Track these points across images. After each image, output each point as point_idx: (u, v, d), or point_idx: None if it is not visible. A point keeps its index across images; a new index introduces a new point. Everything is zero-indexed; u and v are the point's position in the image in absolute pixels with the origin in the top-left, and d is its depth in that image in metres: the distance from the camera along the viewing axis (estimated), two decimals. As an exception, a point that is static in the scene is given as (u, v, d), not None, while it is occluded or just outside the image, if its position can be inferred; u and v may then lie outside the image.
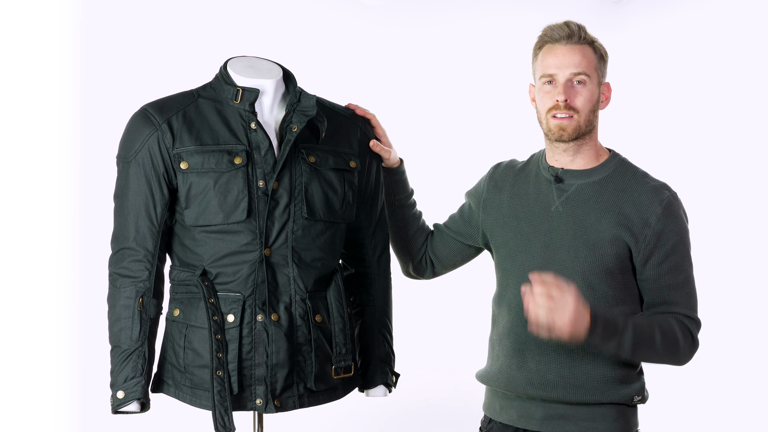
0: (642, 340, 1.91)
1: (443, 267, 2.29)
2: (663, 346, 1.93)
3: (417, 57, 3.81)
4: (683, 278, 1.98)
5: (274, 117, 2.04)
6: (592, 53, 2.00)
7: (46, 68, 3.14)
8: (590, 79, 1.99)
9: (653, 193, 1.98)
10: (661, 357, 1.95)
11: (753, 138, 3.49)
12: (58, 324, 3.18)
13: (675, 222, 1.97)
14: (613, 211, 1.98)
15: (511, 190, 2.12)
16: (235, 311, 1.96)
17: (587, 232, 1.98)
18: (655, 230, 1.96)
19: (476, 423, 2.29)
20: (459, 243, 2.24)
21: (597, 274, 1.97)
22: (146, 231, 1.97)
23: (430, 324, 3.72)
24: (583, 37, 2.00)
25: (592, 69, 1.99)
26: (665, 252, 1.96)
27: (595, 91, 2.00)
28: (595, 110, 2.02)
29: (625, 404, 2.00)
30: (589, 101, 1.99)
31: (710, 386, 3.63)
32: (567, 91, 1.98)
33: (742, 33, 3.53)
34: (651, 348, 1.92)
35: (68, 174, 3.19)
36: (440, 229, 2.28)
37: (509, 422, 2.08)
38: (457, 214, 2.27)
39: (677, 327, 1.94)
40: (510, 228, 2.09)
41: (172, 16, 3.34)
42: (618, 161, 2.05)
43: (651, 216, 1.96)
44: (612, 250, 1.97)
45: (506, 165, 2.20)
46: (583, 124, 1.99)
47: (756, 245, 3.49)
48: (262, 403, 1.97)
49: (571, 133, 2.00)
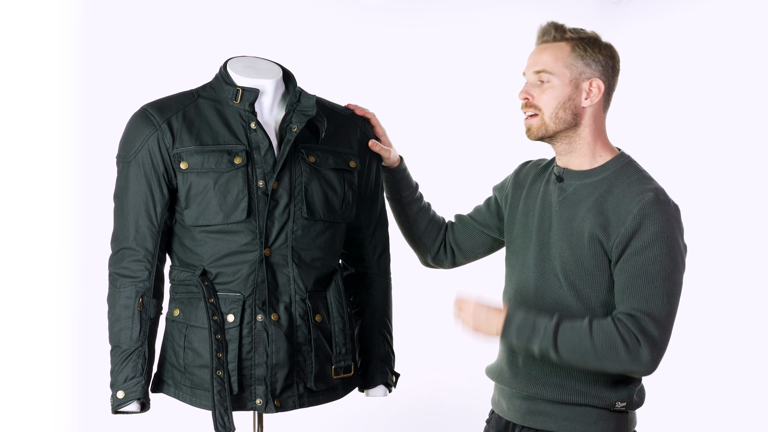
0: (568, 337, 1.87)
1: (465, 257, 2.29)
2: (593, 348, 1.86)
3: (417, 57, 3.81)
4: (645, 279, 1.87)
5: (273, 117, 2.04)
6: (567, 50, 1.95)
7: (46, 68, 3.14)
8: (555, 77, 1.94)
9: (637, 194, 1.90)
10: (598, 359, 1.87)
11: (753, 138, 3.49)
12: (58, 324, 3.18)
13: (652, 223, 1.87)
14: (596, 212, 1.94)
15: (528, 189, 2.11)
16: (235, 311, 1.96)
17: (571, 232, 1.96)
18: (628, 229, 1.88)
19: (476, 423, 2.30)
20: (484, 234, 2.24)
21: (577, 273, 1.95)
22: (146, 231, 1.97)
23: (431, 324, 3.71)
24: (556, 36, 1.96)
25: (559, 66, 1.94)
26: (633, 251, 1.88)
27: (563, 88, 1.94)
28: (568, 108, 1.95)
29: (607, 408, 1.96)
30: (553, 98, 1.94)
31: (708, 389, 3.63)
32: (527, 89, 1.97)
33: (742, 33, 3.53)
34: (581, 348, 1.86)
35: (68, 174, 3.19)
36: (464, 220, 2.28)
37: (502, 414, 2.10)
38: (483, 206, 2.27)
39: (614, 330, 1.86)
40: (520, 225, 2.09)
41: (172, 16, 3.34)
42: (623, 162, 1.99)
43: (627, 215, 1.89)
44: (589, 250, 1.93)
45: (532, 164, 2.19)
46: (549, 123, 1.96)
47: (754, 246, 3.49)
48: (262, 403, 1.97)
49: (536, 132, 1.97)
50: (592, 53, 1.96)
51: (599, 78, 1.97)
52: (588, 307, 1.95)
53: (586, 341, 1.87)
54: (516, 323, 1.91)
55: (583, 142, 1.99)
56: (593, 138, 2.00)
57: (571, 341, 1.88)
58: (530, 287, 2.02)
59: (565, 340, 1.88)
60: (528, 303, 2.02)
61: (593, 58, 1.96)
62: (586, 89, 1.96)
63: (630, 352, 1.86)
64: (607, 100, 2.01)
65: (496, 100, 3.86)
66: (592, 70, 1.96)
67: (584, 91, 1.96)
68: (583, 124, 1.98)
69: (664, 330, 1.88)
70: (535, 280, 2.01)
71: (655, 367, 1.88)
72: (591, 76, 1.96)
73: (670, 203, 1.91)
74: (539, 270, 2.01)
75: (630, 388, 1.97)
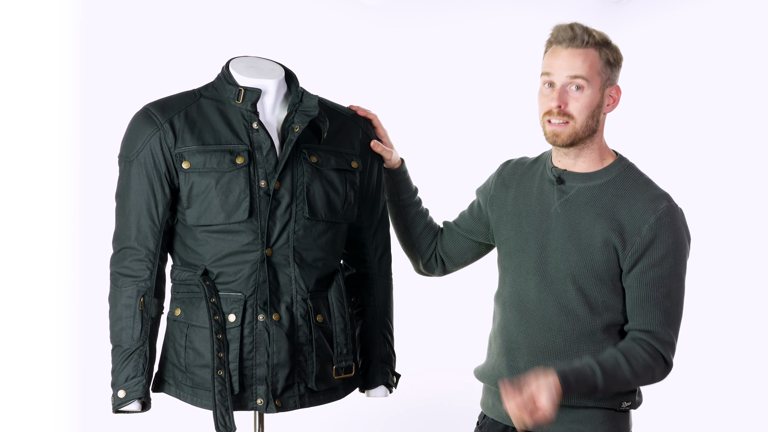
0: (613, 377, 1.89)
1: (454, 265, 2.28)
2: (634, 376, 1.90)
3: (417, 57, 3.81)
4: (664, 293, 1.92)
5: (276, 117, 2.04)
6: (596, 57, 1.94)
7: (46, 68, 3.14)
8: (589, 84, 1.93)
9: (650, 201, 1.92)
10: (637, 383, 1.94)
11: (753, 138, 3.50)
12: (58, 324, 3.18)
13: (667, 234, 1.91)
14: (607, 217, 1.94)
15: (517, 188, 2.10)
16: (236, 311, 1.96)
17: (580, 235, 1.96)
18: (644, 239, 1.91)
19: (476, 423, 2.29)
20: (469, 240, 2.23)
21: (587, 278, 1.95)
22: (148, 230, 1.97)
23: (431, 324, 3.72)
24: (587, 41, 1.94)
25: (593, 73, 1.93)
26: (650, 263, 1.91)
27: (595, 96, 1.94)
28: (596, 115, 1.96)
29: (613, 409, 1.98)
30: (587, 107, 1.94)
31: (706, 391, 3.63)
32: (562, 96, 1.94)
33: (742, 33, 3.53)
34: (624, 380, 1.90)
35: (68, 174, 3.19)
36: (450, 227, 2.27)
37: (500, 419, 2.08)
38: (467, 211, 2.26)
39: (644, 353, 1.91)
40: (512, 226, 2.08)
41: (173, 17, 3.34)
42: (623, 166, 2.00)
43: (643, 225, 1.91)
44: (602, 255, 1.93)
45: (515, 162, 2.18)
46: (579, 130, 1.95)
47: (753, 246, 3.49)
48: (263, 403, 1.98)
49: (566, 140, 1.96)
50: (614, 59, 1.97)
51: (617, 83, 1.99)
52: (593, 311, 1.95)
53: (627, 373, 1.90)
54: (573, 382, 1.87)
55: (595, 146, 2.00)
56: (601, 141, 2.01)
57: (612, 374, 1.90)
58: (530, 291, 2.01)
59: (608, 374, 1.89)
60: (530, 308, 2.01)
61: (615, 64, 1.97)
62: (609, 95, 1.98)
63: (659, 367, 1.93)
64: None
65: (496, 100, 3.87)
66: (614, 77, 1.98)
67: (608, 97, 1.97)
68: (599, 129, 1.99)
69: (677, 333, 1.97)
70: (537, 284, 2.00)
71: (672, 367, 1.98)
72: (613, 82, 1.98)
73: (678, 210, 1.95)
74: (540, 274, 2.00)
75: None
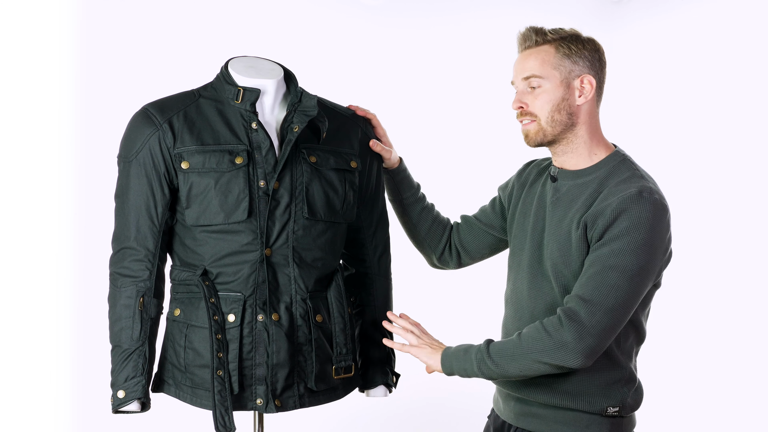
0: (500, 345, 1.90)
1: (470, 258, 2.29)
2: (521, 343, 1.87)
3: (417, 57, 3.81)
4: (599, 268, 1.83)
5: (275, 117, 2.04)
6: (550, 53, 1.94)
7: (46, 68, 3.14)
8: (546, 80, 1.93)
9: (622, 191, 1.87)
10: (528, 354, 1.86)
11: (752, 138, 3.50)
12: (58, 324, 3.17)
13: (626, 217, 1.83)
14: (583, 211, 1.92)
15: (529, 189, 2.11)
16: (235, 311, 1.96)
17: (560, 233, 1.95)
18: (605, 221, 1.85)
19: (476, 423, 2.31)
20: (489, 235, 2.24)
21: (567, 276, 1.93)
22: (147, 230, 1.97)
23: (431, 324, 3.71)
24: (538, 40, 1.95)
25: (547, 69, 1.93)
26: (603, 242, 1.85)
27: (555, 90, 1.94)
28: (563, 109, 1.94)
29: (599, 414, 1.94)
30: (547, 102, 1.94)
31: (708, 389, 3.63)
32: (521, 97, 1.97)
33: (742, 33, 3.53)
34: (512, 350, 1.88)
35: (68, 174, 3.19)
36: (469, 221, 2.27)
37: (499, 413, 2.11)
38: (488, 206, 2.26)
39: (545, 321, 1.86)
40: (518, 225, 2.10)
41: (173, 17, 3.34)
42: (616, 161, 1.97)
43: (607, 208, 1.86)
44: (577, 250, 1.91)
45: (535, 163, 2.18)
46: (547, 126, 1.95)
47: (752, 246, 3.49)
48: (263, 403, 1.98)
49: (534, 137, 1.97)
50: (577, 50, 1.95)
51: (588, 73, 1.96)
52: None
53: (514, 339, 1.89)
54: (450, 351, 1.98)
55: (580, 140, 1.98)
56: (590, 135, 1.99)
57: (501, 345, 1.91)
58: (524, 289, 2.02)
59: (496, 345, 1.91)
60: (522, 304, 2.02)
61: (579, 54, 1.95)
62: (578, 87, 1.96)
63: (551, 337, 1.84)
64: (599, 95, 2.00)
65: (496, 100, 3.86)
66: (580, 68, 1.95)
67: (576, 89, 1.96)
68: (579, 122, 1.97)
69: (597, 316, 1.82)
70: (528, 282, 2.01)
71: (585, 353, 1.82)
72: (580, 73, 1.96)
73: (653, 201, 1.85)
74: (531, 272, 2.00)
75: (623, 393, 1.94)
